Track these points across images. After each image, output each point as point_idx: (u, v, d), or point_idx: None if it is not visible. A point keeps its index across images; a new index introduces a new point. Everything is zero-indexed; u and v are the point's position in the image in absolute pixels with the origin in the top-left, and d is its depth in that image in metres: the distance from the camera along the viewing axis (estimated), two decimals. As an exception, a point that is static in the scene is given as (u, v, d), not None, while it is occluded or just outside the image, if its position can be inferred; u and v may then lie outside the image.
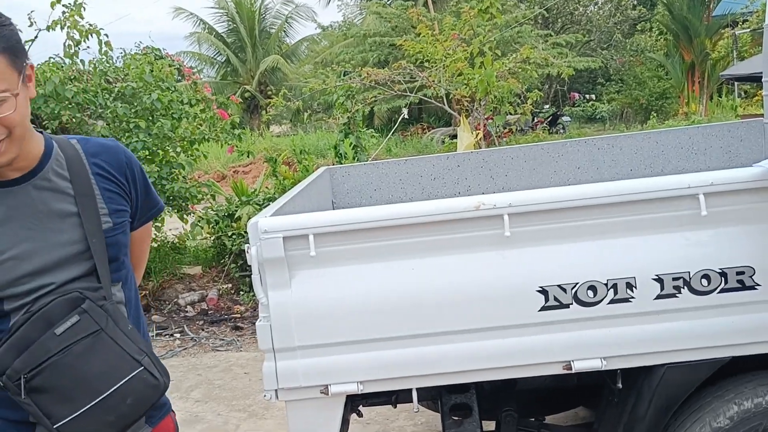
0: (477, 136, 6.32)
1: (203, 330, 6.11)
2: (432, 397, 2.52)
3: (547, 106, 24.05)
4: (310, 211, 2.32)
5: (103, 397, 1.46)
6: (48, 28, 6.59)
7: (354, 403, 2.44)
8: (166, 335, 6.04)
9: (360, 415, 2.59)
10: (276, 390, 2.15)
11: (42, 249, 1.52)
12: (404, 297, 2.11)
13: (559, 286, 2.08)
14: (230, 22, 27.45)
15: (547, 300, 2.09)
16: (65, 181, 1.57)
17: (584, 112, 27.02)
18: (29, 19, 6.60)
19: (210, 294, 6.81)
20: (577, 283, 2.08)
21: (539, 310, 2.09)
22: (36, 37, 6.73)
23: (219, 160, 18.33)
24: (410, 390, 2.26)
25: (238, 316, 6.42)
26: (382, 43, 22.78)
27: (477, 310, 2.10)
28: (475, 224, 2.09)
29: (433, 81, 7.05)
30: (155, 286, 6.93)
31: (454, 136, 19.15)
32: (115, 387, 1.47)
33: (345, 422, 2.29)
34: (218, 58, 27.54)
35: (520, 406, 2.63)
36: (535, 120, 20.49)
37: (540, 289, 2.09)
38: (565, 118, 22.41)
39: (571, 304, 2.09)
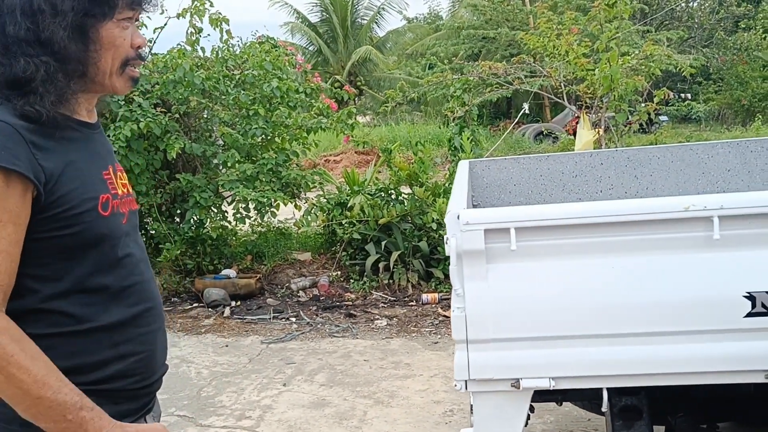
0: (598, 133, 6.20)
1: (317, 315, 6.23)
2: (592, 398, 2.50)
3: (643, 105, 23.30)
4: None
5: None
6: (178, 16, 6.84)
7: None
8: (282, 318, 6.19)
9: (532, 410, 2.59)
10: (466, 381, 2.17)
11: None
12: (603, 295, 2.09)
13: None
14: (323, 12, 27.81)
15: (754, 306, 2.03)
16: None
17: (678, 112, 26.05)
18: (160, 6, 6.85)
19: (321, 280, 6.93)
20: (788, 291, 2.02)
21: (744, 316, 2.04)
22: (165, 24, 7.01)
23: (310, 149, 18.51)
24: (574, 389, 2.26)
25: (350, 303, 6.51)
26: (475, 36, 22.61)
27: (678, 313, 2.06)
28: (683, 225, 2.06)
29: (554, 76, 6.95)
30: (268, 270, 7.11)
31: (541, 133, 18.98)
32: None
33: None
34: (310, 48, 27.93)
35: (689, 412, 2.58)
36: (628, 119, 19.85)
37: (747, 294, 2.03)
38: (663, 118, 21.65)
39: (780, 311, 2.03)
